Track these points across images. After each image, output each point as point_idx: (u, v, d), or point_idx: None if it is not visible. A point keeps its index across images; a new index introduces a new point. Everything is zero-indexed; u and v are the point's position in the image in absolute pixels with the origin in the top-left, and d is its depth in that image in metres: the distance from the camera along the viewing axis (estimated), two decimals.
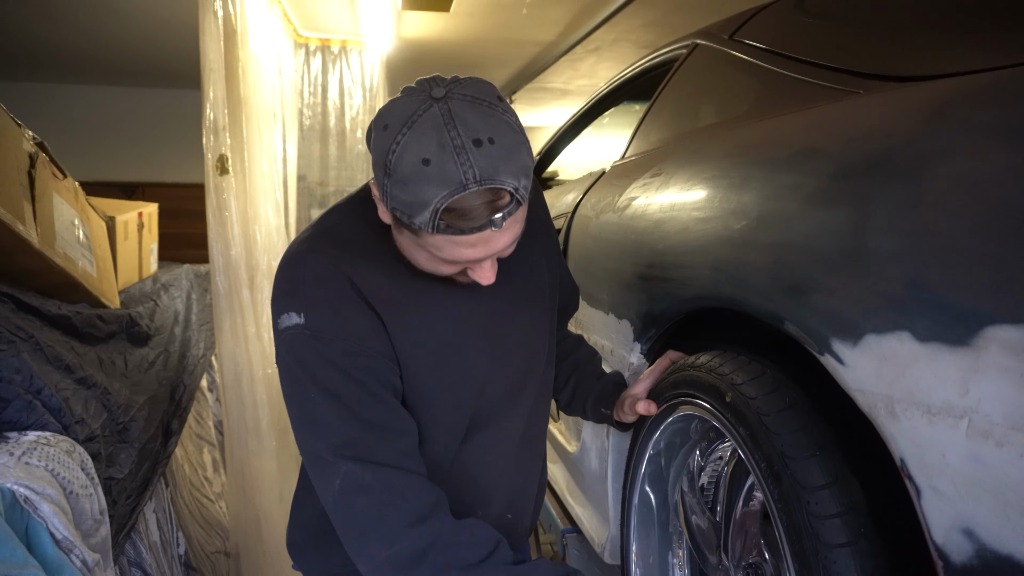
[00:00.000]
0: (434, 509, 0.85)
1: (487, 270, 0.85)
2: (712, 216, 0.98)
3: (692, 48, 1.58)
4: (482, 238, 0.79)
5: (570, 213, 1.70)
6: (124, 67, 5.25)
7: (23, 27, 4.10)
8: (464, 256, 0.81)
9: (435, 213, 0.74)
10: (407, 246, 0.87)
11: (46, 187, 1.85)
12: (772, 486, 0.77)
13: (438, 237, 0.78)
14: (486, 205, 0.75)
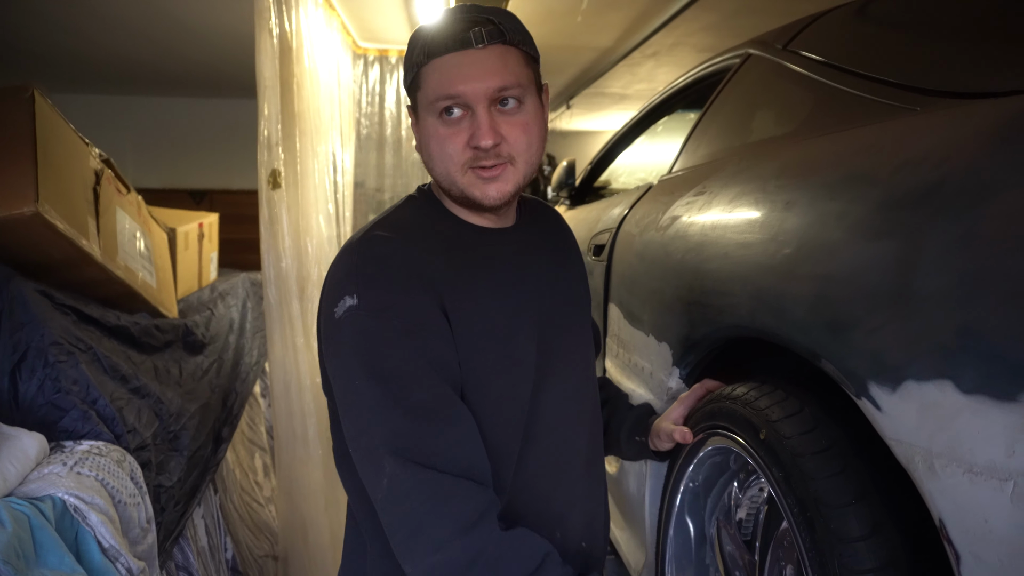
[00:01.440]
0: (482, 517, 0.79)
1: (484, 123, 0.82)
2: (753, 241, 0.93)
3: (745, 58, 1.53)
4: (465, 58, 0.81)
5: (615, 228, 1.67)
6: (193, 79, 5.47)
7: (103, 43, 4.32)
8: (456, 87, 0.81)
9: (426, 40, 0.83)
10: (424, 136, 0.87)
11: (110, 202, 1.93)
12: (804, 534, 0.72)
13: (430, 68, 0.83)
14: (465, 24, 0.82)
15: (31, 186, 1.55)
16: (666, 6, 3.08)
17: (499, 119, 0.83)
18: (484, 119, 0.82)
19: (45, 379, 1.46)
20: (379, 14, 3.42)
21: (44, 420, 1.43)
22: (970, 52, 0.94)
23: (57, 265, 1.72)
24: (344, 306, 0.81)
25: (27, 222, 1.55)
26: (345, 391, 0.82)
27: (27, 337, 1.48)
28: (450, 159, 0.85)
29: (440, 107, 0.83)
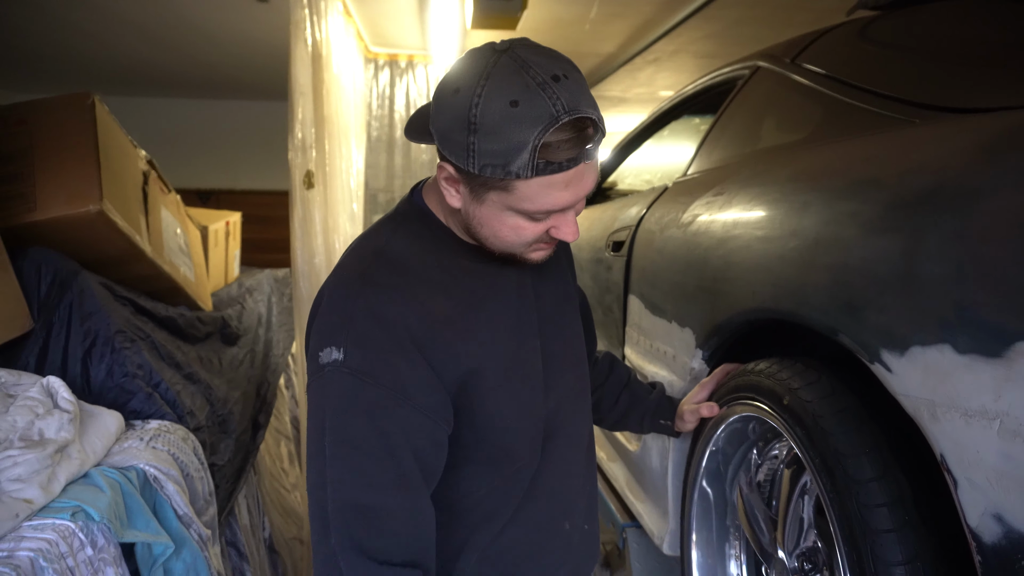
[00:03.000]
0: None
1: (571, 222, 0.84)
2: (773, 236, 1.07)
3: (754, 70, 1.66)
4: (577, 174, 0.78)
5: (634, 226, 1.80)
6: (202, 81, 5.57)
7: (117, 46, 4.42)
8: (557, 202, 0.79)
9: (534, 151, 0.74)
10: (489, 218, 0.83)
11: (156, 201, 2.05)
12: (825, 479, 0.86)
13: (534, 183, 0.77)
14: (578, 136, 0.75)
15: (96, 186, 1.67)
16: (670, 15, 3.23)
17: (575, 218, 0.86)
18: (573, 220, 0.84)
19: (113, 364, 1.58)
20: (392, 20, 3.55)
21: (114, 402, 1.55)
22: (964, 71, 1.08)
23: (112, 261, 1.84)
24: (330, 356, 0.80)
25: (92, 220, 1.67)
26: (311, 439, 0.82)
27: (95, 326, 1.60)
28: (524, 243, 0.86)
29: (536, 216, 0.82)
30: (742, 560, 1.31)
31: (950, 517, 0.71)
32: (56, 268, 1.62)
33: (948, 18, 1.24)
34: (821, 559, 1.03)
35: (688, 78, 4.72)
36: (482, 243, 0.89)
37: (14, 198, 1.65)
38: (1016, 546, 0.62)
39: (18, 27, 3.91)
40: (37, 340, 1.55)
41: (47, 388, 1.36)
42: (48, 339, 1.56)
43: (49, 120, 1.73)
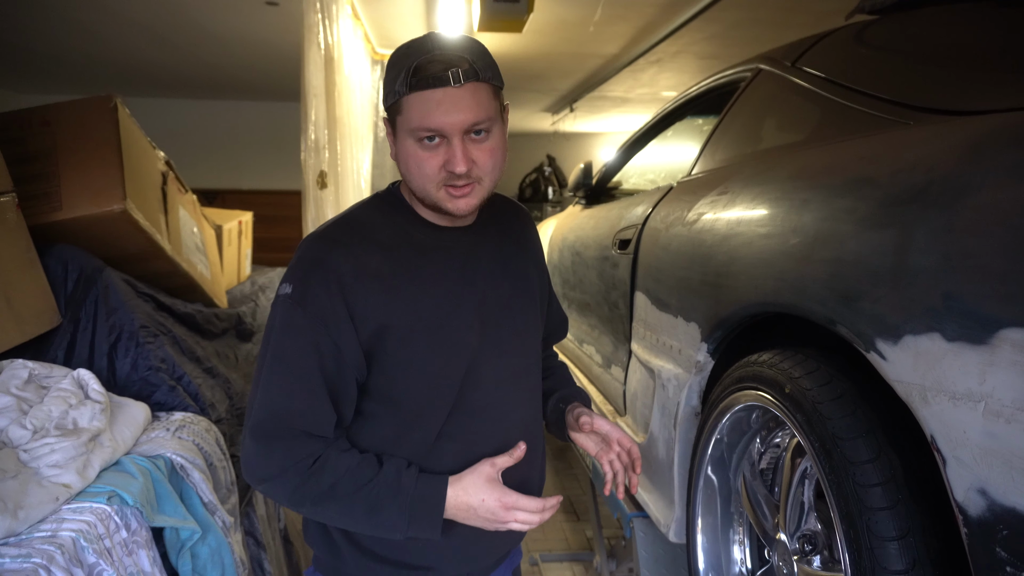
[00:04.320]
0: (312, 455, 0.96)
1: (457, 153, 0.94)
2: (775, 233, 1.13)
3: (756, 72, 1.72)
4: (447, 96, 0.92)
5: (640, 224, 1.86)
6: (206, 82, 5.63)
7: (124, 47, 4.48)
8: (436, 121, 0.92)
9: (408, 71, 0.92)
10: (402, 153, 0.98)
11: (174, 200, 2.11)
12: (824, 462, 0.92)
13: (412, 99, 0.92)
14: (445, 64, 0.92)
15: (119, 186, 1.73)
16: (672, 18, 3.27)
17: (470, 146, 0.96)
18: (458, 149, 0.94)
19: (137, 358, 1.64)
20: (399, 22, 3.61)
21: (138, 394, 1.61)
22: (958, 75, 1.13)
23: (133, 258, 1.90)
24: (283, 291, 0.97)
25: (116, 218, 1.73)
26: (260, 355, 1.00)
27: (120, 321, 1.66)
28: (427, 178, 0.97)
29: (420, 135, 0.94)
30: (745, 544, 1.37)
31: (939, 494, 0.76)
32: (82, 265, 1.68)
33: (944, 23, 1.29)
34: (821, 540, 1.08)
35: (690, 78, 4.77)
36: (413, 192, 1.02)
37: (39, 197, 1.71)
38: (998, 517, 0.67)
39: (34, 31, 3.97)
40: (65, 334, 1.61)
41: (78, 380, 1.42)
42: (76, 333, 1.62)
43: (73, 121, 1.79)
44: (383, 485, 0.97)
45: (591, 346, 2.44)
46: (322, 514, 0.99)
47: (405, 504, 0.97)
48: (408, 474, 0.99)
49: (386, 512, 0.97)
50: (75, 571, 1.01)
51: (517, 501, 1.00)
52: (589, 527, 3.18)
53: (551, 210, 8.78)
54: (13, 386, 1.30)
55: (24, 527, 1.05)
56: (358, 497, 0.96)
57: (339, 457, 0.97)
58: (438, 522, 0.99)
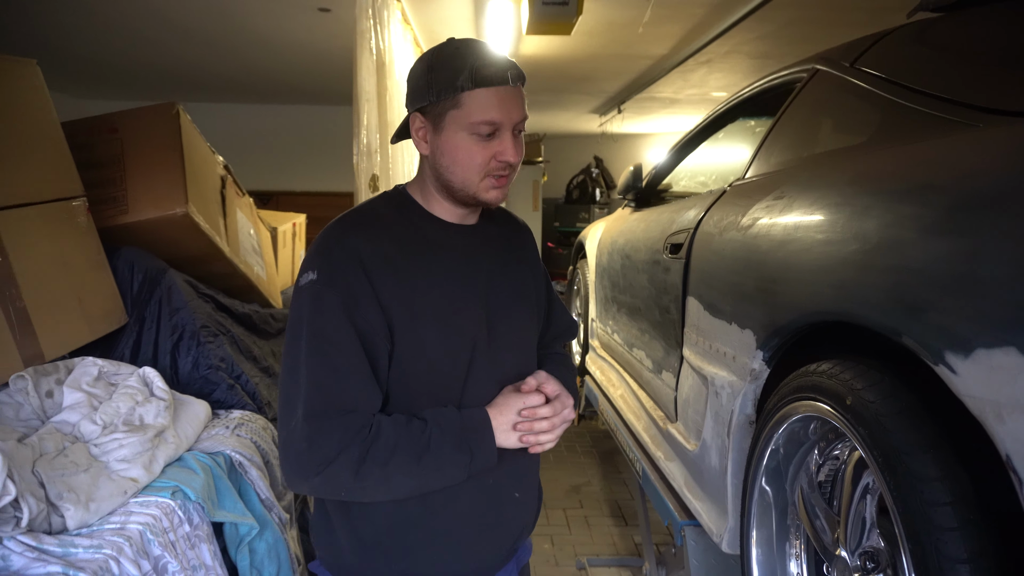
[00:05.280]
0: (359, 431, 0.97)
1: (510, 144, 1.03)
2: (835, 239, 1.10)
3: (812, 73, 1.68)
4: (507, 93, 1.02)
5: (692, 228, 1.83)
6: (260, 86, 5.77)
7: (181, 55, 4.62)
8: (493, 114, 1.01)
9: (471, 70, 1.00)
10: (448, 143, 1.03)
11: (232, 204, 2.17)
12: (889, 478, 0.89)
13: (474, 95, 1.00)
14: (504, 67, 1.02)
15: (181, 190, 1.79)
16: (723, 17, 3.22)
17: (514, 140, 1.05)
18: (512, 141, 1.04)
19: (198, 357, 1.69)
20: (448, 26, 3.64)
21: (199, 392, 1.66)
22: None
23: (193, 259, 1.96)
24: (307, 279, 1.00)
25: (178, 221, 1.79)
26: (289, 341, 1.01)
27: (182, 320, 1.71)
28: (475, 168, 1.04)
29: (480, 130, 1.02)
30: (803, 558, 1.34)
31: (1014, 515, 0.73)
32: (146, 266, 1.74)
33: (1012, 20, 1.24)
34: (884, 558, 1.05)
35: (742, 79, 4.69)
36: (448, 184, 1.06)
37: (107, 201, 1.78)
38: None
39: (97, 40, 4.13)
40: (131, 333, 1.67)
41: (143, 378, 1.47)
42: (141, 332, 1.68)
43: (138, 128, 1.86)
44: (435, 428, 1.00)
45: (641, 351, 2.42)
46: (390, 479, 0.98)
47: (461, 436, 1.01)
48: (450, 411, 1.03)
49: (448, 450, 0.99)
50: (142, 563, 1.05)
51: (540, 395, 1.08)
52: (637, 533, 3.16)
53: (598, 212, 8.74)
54: (84, 383, 1.36)
55: (95, 519, 1.09)
56: (420, 447, 0.98)
57: (389, 419, 1.00)
58: (492, 444, 1.03)
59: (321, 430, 0.95)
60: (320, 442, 0.95)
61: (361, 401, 0.98)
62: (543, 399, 1.08)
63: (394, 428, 0.98)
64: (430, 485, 1.02)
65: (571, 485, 3.72)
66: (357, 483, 0.97)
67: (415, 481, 1.00)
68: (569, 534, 3.18)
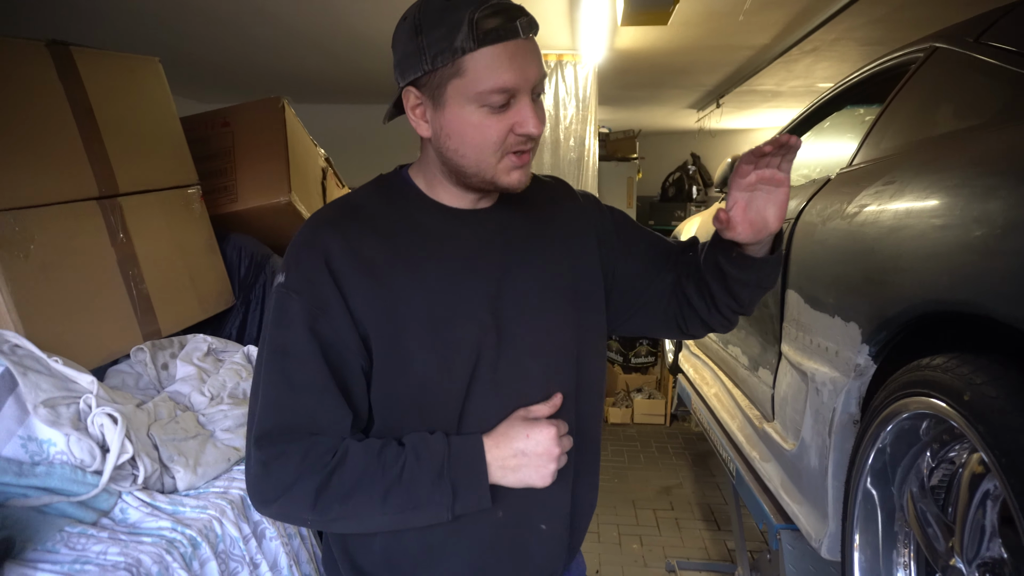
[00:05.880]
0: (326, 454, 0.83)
1: (530, 111, 0.83)
2: (953, 224, 1.02)
3: (930, 52, 1.57)
4: (518, 48, 0.80)
5: (793, 219, 1.75)
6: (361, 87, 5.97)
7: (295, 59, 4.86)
8: (506, 78, 0.81)
9: (471, 23, 0.79)
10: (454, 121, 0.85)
11: (332, 194, 2.26)
12: (1013, 480, 0.81)
13: (479, 56, 0.80)
14: (509, 12, 0.80)
15: (285, 180, 1.88)
16: (832, 2, 3.06)
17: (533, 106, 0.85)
18: (531, 109, 0.83)
19: None
20: (542, 21, 3.64)
21: None
22: None
23: None
24: (278, 280, 0.87)
25: (281, 209, 1.88)
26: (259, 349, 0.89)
27: None
28: (489, 147, 0.85)
29: (490, 100, 0.82)
30: (911, 567, 1.25)
31: None
32: (252, 252, 1.84)
33: None
34: (1008, 570, 0.96)
35: (850, 67, 4.44)
36: (459, 170, 0.89)
37: (219, 190, 1.89)
38: None
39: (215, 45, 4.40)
40: (238, 314, 1.77)
41: (247, 355, 1.55)
42: (246, 313, 1.77)
43: (247, 121, 1.97)
44: (413, 458, 0.83)
45: (736, 347, 2.34)
46: (353, 515, 0.83)
47: (444, 470, 0.83)
48: (436, 439, 0.86)
49: (424, 487, 0.82)
50: (242, 525, 1.11)
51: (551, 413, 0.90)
52: (730, 538, 3.06)
53: (694, 210, 8.52)
54: (195, 358, 1.44)
55: (201, 482, 1.16)
56: (390, 479, 0.82)
57: (360, 444, 0.84)
58: (484, 482, 0.85)
59: (276, 454, 0.82)
60: (275, 468, 0.82)
61: (324, 423, 0.84)
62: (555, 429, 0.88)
63: (362, 456, 0.83)
64: (407, 523, 0.85)
65: (662, 486, 3.64)
66: (318, 516, 0.83)
67: (386, 519, 0.84)
68: (659, 535, 3.12)
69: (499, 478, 0.87)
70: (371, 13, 3.68)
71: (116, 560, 0.87)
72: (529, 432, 0.87)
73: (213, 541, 1.02)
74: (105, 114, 1.40)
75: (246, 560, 1.08)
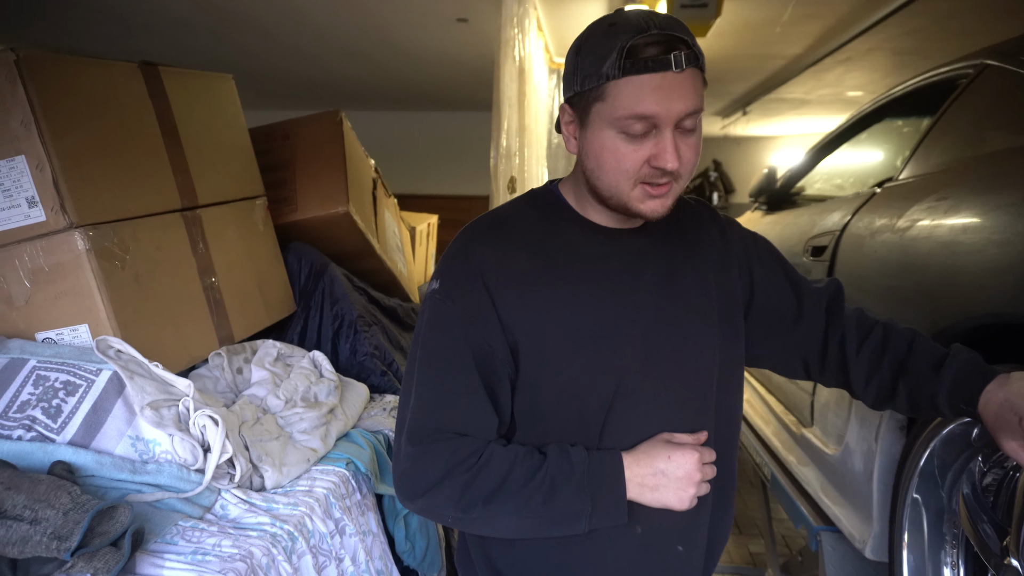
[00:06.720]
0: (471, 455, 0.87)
1: (669, 146, 0.84)
2: (1012, 240, 1.06)
3: (981, 69, 1.60)
4: (665, 81, 0.81)
5: (838, 231, 1.80)
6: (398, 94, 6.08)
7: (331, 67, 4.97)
8: (646, 106, 0.82)
9: (621, 52, 0.80)
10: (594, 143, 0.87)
11: (381, 204, 2.33)
12: None
13: (623, 84, 0.81)
14: (666, 45, 0.81)
15: (343, 191, 1.95)
16: (869, 13, 3.10)
17: (679, 141, 0.85)
18: (669, 142, 0.84)
19: (356, 344, 1.84)
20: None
21: (356, 377, 1.80)
22: None
23: (349, 255, 2.12)
24: (431, 288, 0.93)
25: (340, 219, 1.95)
26: (410, 355, 0.94)
27: (341, 310, 1.87)
28: (624, 174, 0.86)
29: (629, 127, 0.84)
30: (959, 568, 1.29)
31: None
32: (312, 260, 1.91)
33: None
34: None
35: (882, 77, 4.45)
36: (596, 190, 0.91)
37: (280, 201, 1.96)
38: None
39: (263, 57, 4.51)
40: (299, 320, 1.84)
41: (313, 360, 1.62)
42: (307, 320, 1.84)
43: (306, 134, 2.04)
44: (555, 467, 0.86)
45: None
46: (495, 517, 0.86)
47: (584, 480, 0.86)
48: (577, 451, 0.88)
49: (564, 495, 0.85)
50: (327, 522, 1.17)
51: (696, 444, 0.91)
52: (753, 542, 3.08)
53: None
54: (267, 362, 1.52)
55: (286, 481, 1.22)
56: (532, 485, 0.85)
57: (504, 449, 0.88)
58: (622, 497, 0.87)
59: (426, 451, 0.86)
60: (424, 464, 0.86)
61: (471, 425, 0.88)
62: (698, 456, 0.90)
63: (507, 460, 0.86)
64: (544, 531, 0.88)
65: None
66: (460, 514, 0.86)
67: (524, 522, 0.87)
68: None
69: (637, 495, 0.88)
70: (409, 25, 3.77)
71: (231, 552, 0.93)
72: (671, 454, 0.89)
73: (307, 536, 1.09)
74: (187, 130, 1.48)
75: (332, 555, 1.14)
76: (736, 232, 1.12)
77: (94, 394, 1.10)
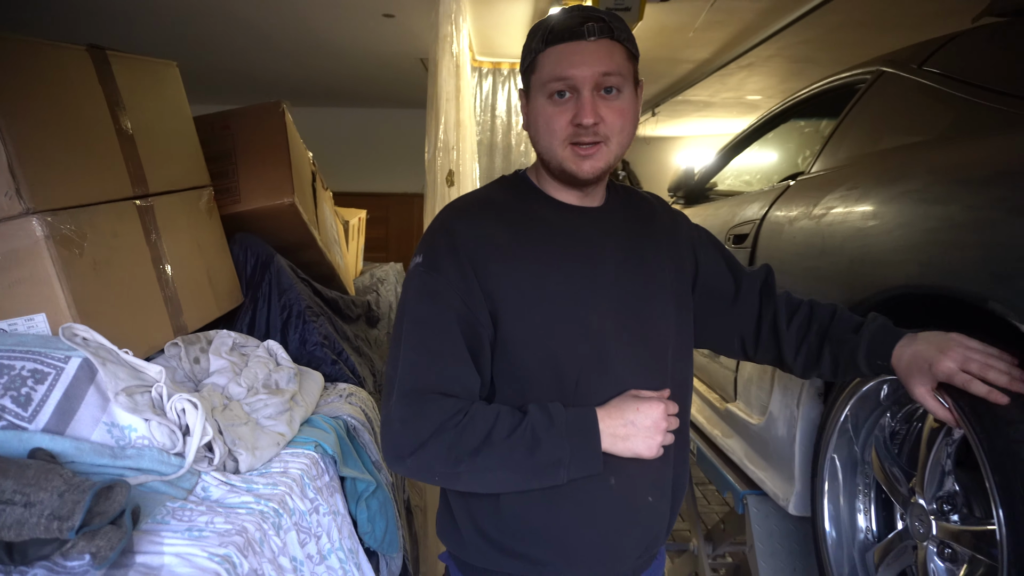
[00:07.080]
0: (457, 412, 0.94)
1: (586, 101, 0.95)
2: (916, 222, 1.23)
3: (877, 75, 1.80)
4: (580, 48, 0.95)
5: (758, 221, 1.96)
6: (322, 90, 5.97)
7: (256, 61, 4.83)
8: (564, 69, 0.96)
9: (546, 31, 0.98)
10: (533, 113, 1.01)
11: (320, 197, 2.33)
12: (975, 424, 1.02)
13: (547, 54, 0.97)
14: (581, 19, 0.96)
15: (288, 182, 1.95)
16: (772, 23, 3.34)
17: (599, 103, 0.97)
18: (587, 100, 0.96)
19: (305, 334, 1.85)
20: (502, 31, 3.79)
21: (307, 366, 1.81)
22: None
23: (291, 247, 2.12)
24: (414, 262, 1.01)
25: (285, 210, 1.95)
26: (395, 326, 1.01)
27: (289, 301, 1.87)
28: (554, 134, 0.98)
29: (551, 89, 0.97)
30: (871, 512, 1.47)
31: None
32: (258, 251, 1.90)
33: None
34: (959, 500, 1.18)
35: (779, 82, 4.79)
36: (540, 157, 1.04)
37: (222, 192, 1.94)
38: None
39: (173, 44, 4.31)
40: (247, 312, 1.83)
41: (268, 349, 1.63)
42: (255, 311, 1.84)
43: (247, 125, 2.02)
44: (535, 421, 0.94)
45: None
46: (481, 470, 0.93)
47: (562, 431, 0.94)
48: (555, 406, 0.97)
49: (545, 446, 0.92)
50: (305, 501, 1.20)
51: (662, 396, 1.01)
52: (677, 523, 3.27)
53: None
54: (224, 351, 1.51)
55: (259, 464, 1.24)
56: (515, 437, 0.92)
57: (488, 407, 0.96)
58: (597, 447, 0.95)
59: (415, 412, 0.92)
60: (413, 423, 0.92)
61: (457, 386, 0.96)
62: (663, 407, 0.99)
63: (490, 416, 0.94)
64: (527, 482, 0.96)
65: None
66: (448, 469, 0.93)
67: (508, 476, 0.94)
68: None
69: (610, 445, 0.97)
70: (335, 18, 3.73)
71: (226, 528, 0.95)
72: (639, 406, 0.98)
73: (289, 513, 1.12)
74: (136, 117, 1.46)
75: (311, 532, 1.18)
76: (684, 221, 1.27)
77: (64, 381, 1.08)
